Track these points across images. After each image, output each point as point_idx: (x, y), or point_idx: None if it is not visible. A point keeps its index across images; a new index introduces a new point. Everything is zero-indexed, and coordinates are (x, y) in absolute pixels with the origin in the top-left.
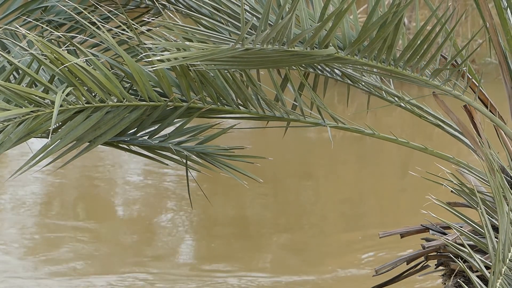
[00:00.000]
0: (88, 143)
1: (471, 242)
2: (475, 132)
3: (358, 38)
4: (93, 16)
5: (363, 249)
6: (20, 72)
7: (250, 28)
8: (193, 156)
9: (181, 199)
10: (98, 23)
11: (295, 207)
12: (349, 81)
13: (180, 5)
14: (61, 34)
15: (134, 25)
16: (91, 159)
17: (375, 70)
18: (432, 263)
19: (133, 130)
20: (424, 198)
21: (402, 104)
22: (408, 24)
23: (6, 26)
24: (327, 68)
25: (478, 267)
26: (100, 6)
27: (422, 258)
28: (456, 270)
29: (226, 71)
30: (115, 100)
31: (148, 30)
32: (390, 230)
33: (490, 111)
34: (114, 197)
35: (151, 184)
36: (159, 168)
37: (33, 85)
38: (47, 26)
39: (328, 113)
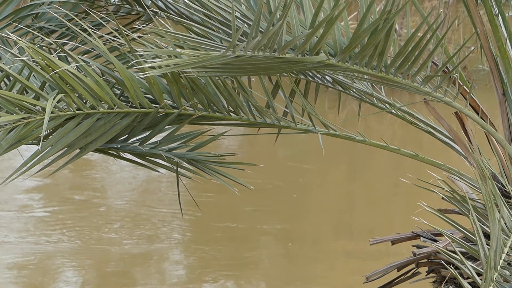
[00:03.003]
0: (79, 150)
1: (462, 249)
2: (466, 139)
3: (349, 45)
4: (84, 22)
5: (354, 257)
6: (11, 78)
7: (241, 35)
8: (184, 163)
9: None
10: (89, 30)
11: (286, 214)
12: (340, 88)
13: (171, 12)
14: (52, 41)
15: (125, 31)
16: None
17: (366, 76)
18: (423, 270)
19: (124, 137)
20: (415, 205)
21: (393, 111)
22: (399, 30)
23: None
24: (318, 75)
25: (470, 274)
26: (91, 12)
27: (413, 265)
28: (447, 277)
29: (217, 78)
30: (106, 107)
31: (139, 37)
32: (381, 237)
33: (481, 118)
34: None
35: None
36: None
37: (24, 92)
38: (38, 32)
39: (319, 120)
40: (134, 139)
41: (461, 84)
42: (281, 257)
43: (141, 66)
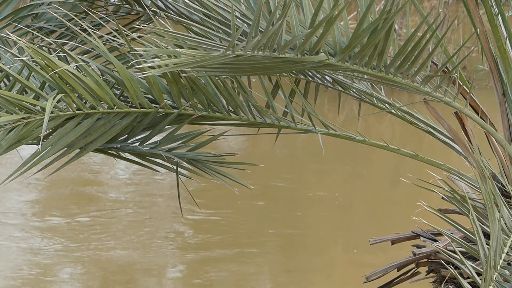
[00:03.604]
0: (79, 150)
1: (462, 249)
2: (466, 139)
3: (349, 45)
4: (84, 22)
5: (354, 256)
6: (11, 78)
7: (241, 35)
8: (184, 163)
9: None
10: (89, 30)
11: (285, 214)
12: (340, 88)
13: (171, 12)
14: (52, 41)
15: (125, 31)
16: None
17: (365, 76)
18: (423, 270)
19: (124, 137)
20: (415, 204)
21: (393, 111)
22: (399, 30)
23: None
24: (318, 75)
25: (470, 273)
26: (91, 13)
27: (413, 265)
28: (447, 277)
29: (217, 77)
30: (106, 107)
31: (139, 36)
32: (380, 237)
33: (481, 117)
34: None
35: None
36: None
37: (24, 92)
38: (37, 32)
39: (319, 120)
40: (134, 139)
41: (461, 84)
42: (279, 257)
43: (141, 66)
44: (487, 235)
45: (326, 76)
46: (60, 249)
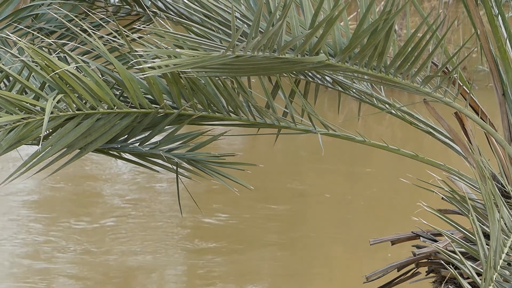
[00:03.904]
0: (79, 150)
1: (462, 249)
2: (466, 139)
3: (349, 45)
4: (84, 23)
5: (354, 256)
6: (11, 79)
7: (241, 35)
8: (184, 163)
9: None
10: (89, 30)
11: (285, 214)
12: (340, 88)
13: (171, 13)
14: (52, 41)
15: (125, 32)
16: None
17: (365, 77)
18: (423, 270)
19: (124, 137)
20: (415, 205)
21: (393, 111)
22: (399, 31)
23: None
24: (318, 75)
25: (470, 274)
26: (91, 13)
27: (413, 265)
28: (447, 277)
29: (217, 78)
30: (106, 107)
31: (139, 37)
32: (380, 237)
33: (481, 118)
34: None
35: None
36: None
37: (24, 92)
38: (38, 33)
39: (319, 120)
40: (134, 139)
41: (461, 84)
42: (279, 257)
43: (141, 66)
44: (487, 236)
45: (326, 77)
46: (80, 253)
